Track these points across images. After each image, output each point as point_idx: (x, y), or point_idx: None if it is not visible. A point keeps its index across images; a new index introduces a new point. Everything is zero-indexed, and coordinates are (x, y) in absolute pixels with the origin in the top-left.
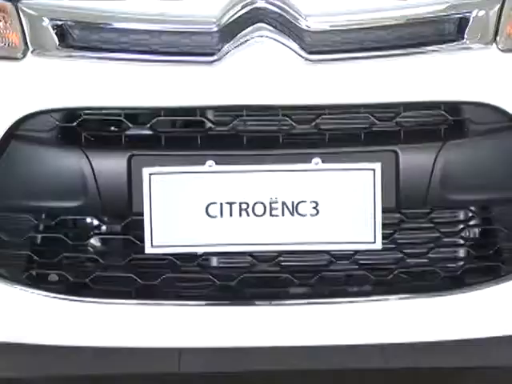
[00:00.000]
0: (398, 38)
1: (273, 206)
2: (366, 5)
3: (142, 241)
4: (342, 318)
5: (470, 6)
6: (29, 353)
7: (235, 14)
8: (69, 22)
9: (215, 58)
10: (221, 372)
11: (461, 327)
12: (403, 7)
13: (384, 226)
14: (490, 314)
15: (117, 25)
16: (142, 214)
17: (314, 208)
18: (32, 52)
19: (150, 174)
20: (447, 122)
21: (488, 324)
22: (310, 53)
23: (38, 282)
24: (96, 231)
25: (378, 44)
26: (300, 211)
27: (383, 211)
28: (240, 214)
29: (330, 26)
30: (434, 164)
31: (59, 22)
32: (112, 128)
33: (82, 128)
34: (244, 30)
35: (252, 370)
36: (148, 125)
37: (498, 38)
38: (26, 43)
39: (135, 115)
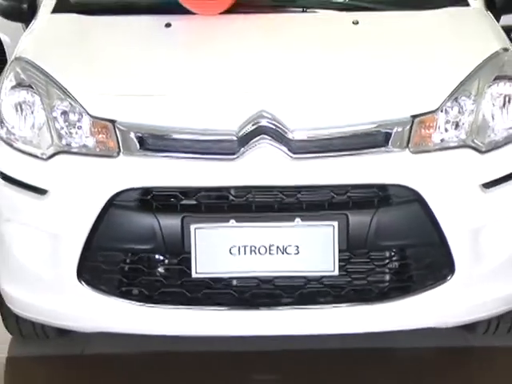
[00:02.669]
0: (348, 144)
1: (271, 248)
2: (329, 124)
3: (190, 269)
4: (312, 318)
5: (392, 125)
6: (119, 337)
7: (247, 129)
8: (145, 134)
9: (235, 156)
10: (237, 351)
11: (386, 324)
12: (351, 125)
13: (339, 260)
14: (406, 315)
15: (174, 136)
16: (190, 253)
17: (296, 249)
18: (123, 153)
19: (195, 228)
20: (378, 196)
21: (404, 321)
22: (294, 153)
23: (125, 295)
24: (161, 263)
25: (336, 148)
26: (287, 251)
27: (339, 251)
28: (250, 253)
29: (307, 137)
30: (370, 222)
31: (139, 135)
32: (172, 199)
33: (153, 199)
34: (253, 139)
35: (256, 351)
36: (194, 197)
37: (409, 145)
38: (119, 147)
39: (186, 192)
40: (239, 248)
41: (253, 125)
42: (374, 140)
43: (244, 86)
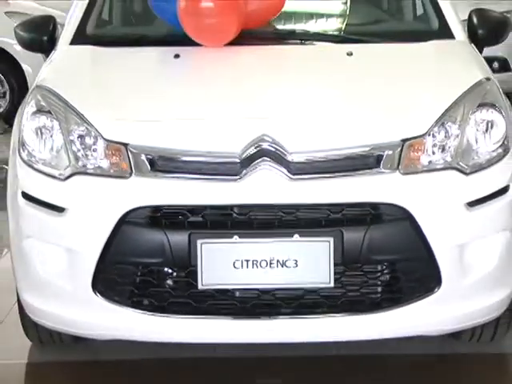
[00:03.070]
0: (343, 166)
1: (271, 261)
2: (325, 147)
3: (196, 281)
4: (310, 327)
5: (383, 148)
6: (130, 344)
7: (250, 152)
8: (155, 157)
9: (238, 177)
10: (239, 357)
11: (378, 332)
12: (346, 148)
13: (335, 273)
14: (397, 324)
15: (183, 158)
16: (196, 266)
17: (295, 263)
18: (134, 173)
19: (201, 243)
20: (371, 214)
21: (395, 330)
22: (293, 174)
23: (136, 305)
24: (170, 276)
25: (332, 169)
26: (287, 265)
27: (335, 265)
28: (252, 267)
29: (305, 159)
30: (363, 238)
31: (150, 157)
32: (180, 217)
33: (163, 217)
34: (255, 161)
35: (257, 356)
36: (200, 215)
37: (399, 167)
38: (131, 168)
39: (193, 209)
40: (242, 262)
41: (255, 148)
42: (366, 162)
43: (247, 112)
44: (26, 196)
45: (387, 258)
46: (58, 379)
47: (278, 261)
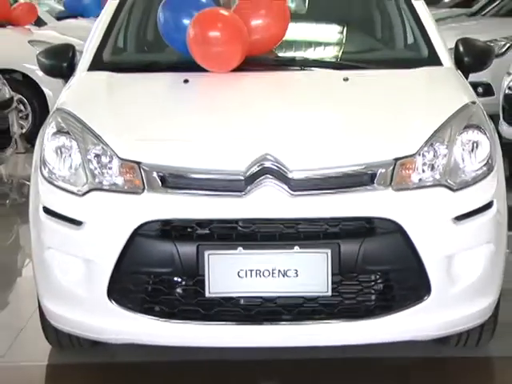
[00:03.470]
0: (340, 183)
1: (273, 271)
2: (324, 165)
3: (204, 290)
4: (309, 332)
5: (377, 167)
6: (142, 347)
7: (254, 170)
8: (166, 174)
9: (243, 193)
10: (243, 360)
11: (372, 337)
12: (342, 167)
13: (332, 282)
14: (389, 329)
15: (191, 175)
16: (203, 276)
17: (296, 273)
18: (147, 190)
19: (209, 254)
20: (366, 227)
21: (387, 335)
22: (293, 190)
23: (148, 311)
24: (179, 284)
25: (329, 186)
26: (288, 274)
27: (332, 275)
28: (256, 276)
29: (305, 177)
30: (358, 250)
31: (161, 174)
32: (188, 230)
33: (173, 230)
34: (258, 178)
35: (260, 359)
36: (207, 228)
37: (392, 184)
38: (143, 184)
39: (201, 223)
40: (246, 271)
41: (258, 166)
42: (361, 179)
43: (251, 133)
44: (46, 210)
45: (381, 268)
46: (77, 380)
47: (279, 271)
